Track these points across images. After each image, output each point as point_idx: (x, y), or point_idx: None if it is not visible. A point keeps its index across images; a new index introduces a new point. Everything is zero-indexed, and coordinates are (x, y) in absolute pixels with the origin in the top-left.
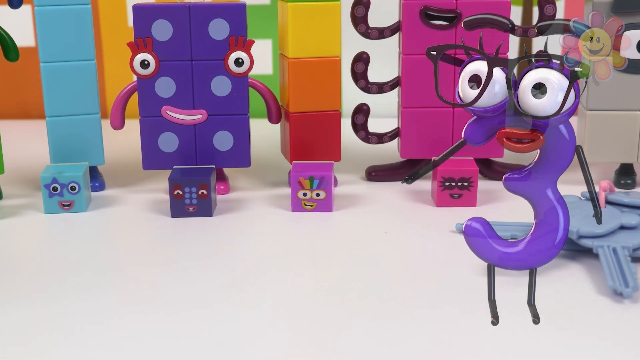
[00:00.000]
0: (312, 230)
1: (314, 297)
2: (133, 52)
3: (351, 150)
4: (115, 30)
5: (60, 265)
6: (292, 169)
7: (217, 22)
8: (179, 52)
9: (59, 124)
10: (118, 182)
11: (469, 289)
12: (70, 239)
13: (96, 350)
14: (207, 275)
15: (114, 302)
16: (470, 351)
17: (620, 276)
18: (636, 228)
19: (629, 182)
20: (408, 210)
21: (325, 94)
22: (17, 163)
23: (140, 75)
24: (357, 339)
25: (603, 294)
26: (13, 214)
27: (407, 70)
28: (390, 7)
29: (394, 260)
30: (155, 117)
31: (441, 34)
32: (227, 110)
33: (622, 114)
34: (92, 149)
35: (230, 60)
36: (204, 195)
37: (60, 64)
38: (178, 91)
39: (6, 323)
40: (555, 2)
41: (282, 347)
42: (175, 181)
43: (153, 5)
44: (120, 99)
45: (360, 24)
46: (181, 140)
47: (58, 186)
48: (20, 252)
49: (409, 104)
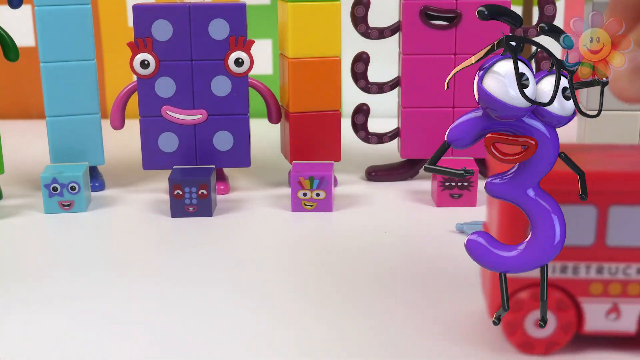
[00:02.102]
0: (312, 230)
1: (314, 296)
2: (133, 52)
3: (351, 150)
4: (115, 30)
5: (60, 265)
6: (292, 169)
7: (217, 22)
8: (179, 52)
9: (59, 124)
10: (118, 182)
11: (469, 289)
12: (70, 239)
13: (95, 349)
14: (207, 275)
15: (114, 302)
16: (471, 350)
17: None
18: None
19: None
20: (408, 210)
21: (325, 94)
22: (17, 163)
23: (140, 75)
24: (359, 338)
25: None
26: (13, 214)
27: (407, 70)
28: (390, 7)
29: (393, 260)
30: (155, 117)
31: (441, 34)
32: (227, 110)
33: (622, 114)
34: (92, 149)
35: (230, 60)
36: (204, 195)
37: (60, 64)
38: (178, 91)
39: (6, 323)
40: (555, 2)
41: (282, 347)
42: (175, 181)
43: (153, 5)
44: (120, 99)
45: (360, 24)
46: (181, 140)
47: (58, 186)
48: (20, 252)
49: (409, 104)
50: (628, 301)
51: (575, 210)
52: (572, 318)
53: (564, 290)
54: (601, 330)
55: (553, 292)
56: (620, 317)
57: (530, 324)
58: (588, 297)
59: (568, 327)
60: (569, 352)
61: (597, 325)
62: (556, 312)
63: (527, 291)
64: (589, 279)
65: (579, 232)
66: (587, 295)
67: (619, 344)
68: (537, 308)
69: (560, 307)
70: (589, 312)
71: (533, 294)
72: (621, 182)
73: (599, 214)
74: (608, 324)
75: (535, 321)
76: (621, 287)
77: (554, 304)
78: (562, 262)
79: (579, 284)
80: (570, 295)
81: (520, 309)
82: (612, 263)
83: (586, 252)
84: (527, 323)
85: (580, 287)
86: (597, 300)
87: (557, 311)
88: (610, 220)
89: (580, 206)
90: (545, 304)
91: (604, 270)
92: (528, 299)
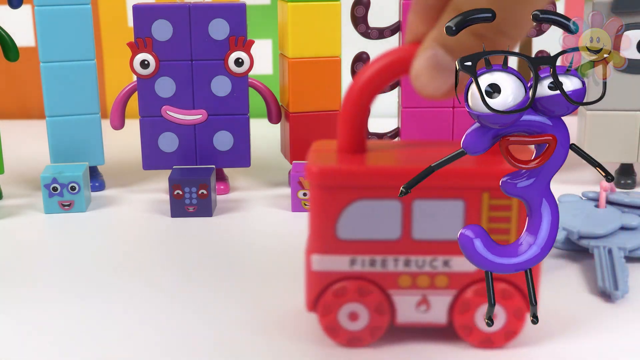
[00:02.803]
0: None
1: None
2: (133, 52)
3: None
4: (115, 30)
5: (60, 265)
6: (292, 169)
7: (217, 22)
8: (179, 52)
9: (59, 124)
10: (118, 182)
11: None
12: (70, 239)
13: (95, 348)
14: (206, 275)
15: (113, 302)
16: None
17: (611, 278)
18: (636, 229)
19: (629, 182)
20: None
21: (325, 94)
22: (17, 163)
23: (140, 75)
24: None
25: (595, 294)
26: (13, 214)
27: None
28: (390, 7)
29: None
30: (155, 117)
31: None
32: (227, 110)
33: (622, 114)
34: (92, 149)
35: (230, 60)
36: (204, 195)
37: (60, 64)
38: (178, 91)
39: (6, 322)
40: (555, 2)
41: (282, 347)
42: (175, 181)
43: (153, 5)
44: (120, 99)
45: (360, 24)
46: (181, 140)
47: (58, 186)
48: (20, 252)
49: (409, 104)
50: (436, 293)
51: (381, 205)
52: (384, 310)
53: (375, 284)
54: (414, 322)
55: (365, 285)
56: (430, 308)
57: (345, 317)
58: (398, 290)
59: (381, 320)
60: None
61: (409, 317)
62: (368, 305)
63: (341, 284)
64: (397, 272)
65: (386, 226)
66: (396, 288)
67: (433, 334)
68: (351, 301)
69: (372, 300)
70: (399, 304)
71: (346, 288)
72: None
73: (403, 208)
74: (419, 315)
75: (350, 313)
76: (429, 279)
77: (366, 297)
78: (370, 255)
79: (389, 276)
80: (381, 288)
81: (334, 303)
82: (418, 256)
83: (394, 246)
84: (341, 316)
85: (389, 280)
86: (407, 292)
87: (369, 304)
88: (414, 214)
89: (385, 201)
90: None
91: (412, 263)
92: (342, 292)
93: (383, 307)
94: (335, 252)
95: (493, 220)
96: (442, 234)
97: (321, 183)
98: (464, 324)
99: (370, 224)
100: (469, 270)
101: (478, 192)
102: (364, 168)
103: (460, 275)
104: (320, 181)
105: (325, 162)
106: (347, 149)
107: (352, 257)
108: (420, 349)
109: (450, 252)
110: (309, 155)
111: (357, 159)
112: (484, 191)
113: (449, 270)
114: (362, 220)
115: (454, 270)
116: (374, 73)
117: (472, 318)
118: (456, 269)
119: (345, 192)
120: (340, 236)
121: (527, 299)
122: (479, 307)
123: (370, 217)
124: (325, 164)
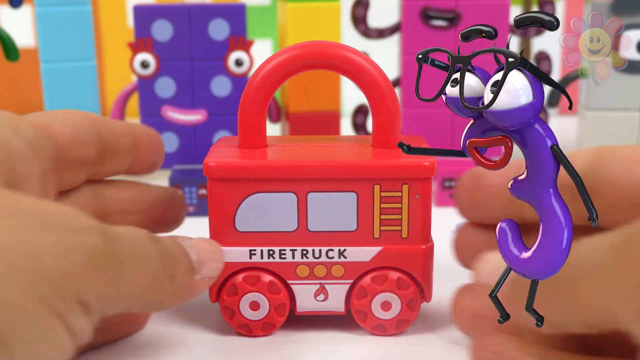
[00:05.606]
0: None
1: None
2: (133, 52)
3: None
4: (115, 30)
5: None
6: None
7: (217, 22)
8: (179, 52)
9: None
10: None
11: None
12: None
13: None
14: None
15: None
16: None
17: None
18: None
19: None
20: None
21: (325, 94)
22: None
23: (141, 76)
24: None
25: None
26: None
27: (407, 70)
28: (390, 7)
29: None
30: (155, 117)
31: (441, 34)
32: (227, 110)
33: (622, 114)
34: None
35: (230, 61)
36: (204, 195)
37: (60, 64)
38: (178, 91)
39: None
40: (554, 2)
41: (283, 347)
42: (175, 181)
43: (153, 6)
44: (120, 99)
45: (360, 24)
46: (181, 140)
47: None
48: None
49: (409, 104)
50: (334, 282)
51: (277, 198)
52: (284, 300)
53: (275, 274)
54: (313, 311)
55: (264, 275)
56: (329, 297)
57: (246, 306)
58: (296, 280)
59: (281, 309)
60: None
61: (309, 306)
62: (268, 294)
63: (242, 275)
64: (295, 263)
65: (283, 218)
66: (295, 278)
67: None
68: (251, 291)
69: (272, 290)
70: (298, 294)
71: (246, 278)
72: (315, 171)
73: (298, 200)
74: (318, 304)
75: (251, 303)
76: (326, 269)
77: (266, 287)
78: (269, 247)
79: (287, 267)
80: (281, 278)
81: (235, 293)
82: (315, 247)
83: (291, 237)
84: (243, 306)
85: (288, 270)
86: (305, 282)
87: (269, 294)
88: (309, 206)
89: (282, 193)
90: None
91: (309, 254)
92: (242, 283)
93: (283, 297)
94: (234, 244)
95: (385, 212)
96: (337, 225)
97: (218, 177)
98: (360, 309)
99: (267, 217)
100: (364, 260)
101: (370, 185)
102: (260, 162)
103: (355, 264)
104: (217, 175)
105: (222, 157)
106: (247, 144)
107: (252, 249)
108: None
109: (345, 243)
110: (210, 151)
111: (255, 154)
112: (375, 183)
113: (344, 260)
114: (260, 213)
115: (349, 260)
116: (271, 70)
117: (368, 305)
118: (351, 259)
119: (242, 185)
120: (239, 228)
121: (420, 290)
122: (375, 294)
123: (267, 210)
124: (222, 159)
